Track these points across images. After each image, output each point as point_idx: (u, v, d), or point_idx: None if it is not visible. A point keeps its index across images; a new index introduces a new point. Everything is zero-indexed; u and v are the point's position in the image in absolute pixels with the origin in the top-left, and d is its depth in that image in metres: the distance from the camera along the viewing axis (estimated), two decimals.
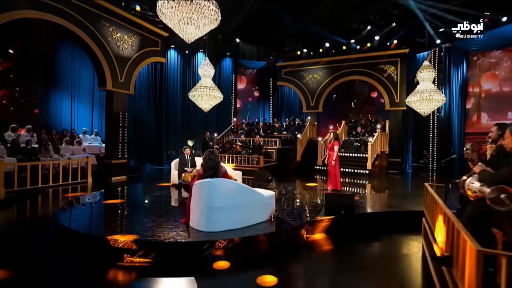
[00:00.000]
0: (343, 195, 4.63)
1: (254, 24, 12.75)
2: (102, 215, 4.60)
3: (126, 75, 9.25)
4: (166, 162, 12.85)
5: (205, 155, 3.68)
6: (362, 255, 3.63)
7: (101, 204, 5.18)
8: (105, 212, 4.68)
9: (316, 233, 4.09)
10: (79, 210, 4.84)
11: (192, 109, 13.28)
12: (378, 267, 3.27)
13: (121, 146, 9.07)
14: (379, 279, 2.98)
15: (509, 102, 9.75)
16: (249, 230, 3.57)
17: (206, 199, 3.46)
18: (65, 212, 4.51)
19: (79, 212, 4.75)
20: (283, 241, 3.66)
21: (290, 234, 3.74)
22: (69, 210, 4.72)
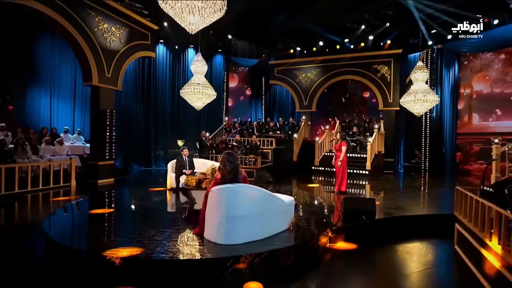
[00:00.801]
0: (363, 199, 4.37)
1: (247, 20, 12.35)
2: (96, 225, 4.04)
3: (114, 69, 8.57)
4: (155, 163, 12.21)
5: (222, 157, 3.26)
6: (395, 265, 3.36)
7: (92, 213, 4.60)
8: (97, 222, 4.13)
9: (339, 241, 3.79)
10: (66, 220, 4.27)
11: (182, 107, 12.70)
12: (420, 280, 3.00)
13: (109, 146, 8.38)
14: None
15: (500, 103, 9.99)
16: (272, 241, 3.20)
17: (225, 207, 3.05)
18: (49, 222, 3.93)
19: (66, 222, 4.18)
20: (308, 253, 3.32)
21: (316, 244, 3.40)
22: (54, 219, 4.15)
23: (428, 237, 4.02)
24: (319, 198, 6.04)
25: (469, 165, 10.85)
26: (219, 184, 3.15)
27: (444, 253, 3.58)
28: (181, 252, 2.86)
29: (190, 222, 3.90)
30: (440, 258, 3.52)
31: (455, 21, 9.97)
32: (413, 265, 3.38)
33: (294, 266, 3.05)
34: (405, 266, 3.41)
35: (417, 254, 3.63)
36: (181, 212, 4.69)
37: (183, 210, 4.84)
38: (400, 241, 3.92)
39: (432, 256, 3.58)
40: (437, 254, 3.61)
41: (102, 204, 5.18)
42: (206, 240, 3.18)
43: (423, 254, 3.63)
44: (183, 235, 3.39)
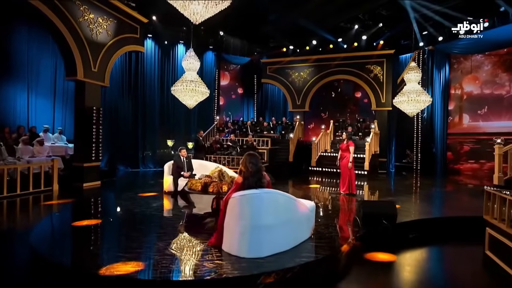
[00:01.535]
0: (383, 202, 4.15)
1: (239, 17, 11.97)
2: (91, 237, 3.56)
3: (101, 63, 7.94)
4: (142, 164, 11.58)
5: (244, 158, 2.90)
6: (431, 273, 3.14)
7: (82, 224, 4.08)
8: (92, 233, 3.64)
9: (365, 246, 3.53)
10: (52, 230, 3.76)
11: (171, 106, 12.15)
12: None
13: (95, 146, 7.74)
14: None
15: (489, 104, 10.22)
16: (299, 252, 2.89)
17: (250, 216, 2.70)
18: (35, 232, 3.42)
19: (48, 233, 3.67)
20: (340, 264, 3.03)
21: (347, 254, 3.11)
22: (38, 230, 3.63)
23: (450, 240, 3.86)
24: (327, 201, 5.79)
25: (459, 165, 11.06)
26: (241, 189, 2.80)
27: (475, 258, 3.41)
28: (201, 269, 2.48)
29: (200, 231, 3.51)
30: (473, 264, 3.34)
31: (448, 22, 10.12)
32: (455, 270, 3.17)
33: (329, 280, 2.75)
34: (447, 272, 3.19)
35: (450, 258, 3.44)
36: (190, 220, 4.27)
37: (192, 218, 4.42)
38: (423, 245, 3.73)
39: (468, 262, 3.39)
40: (470, 260, 3.44)
41: (94, 211, 4.66)
42: (225, 253, 2.82)
43: (457, 258, 3.45)
44: (196, 247, 3.00)
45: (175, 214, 4.70)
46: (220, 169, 4.52)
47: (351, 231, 3.66)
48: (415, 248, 3.66)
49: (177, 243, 3.11)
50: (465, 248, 3.68)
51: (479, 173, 10.47)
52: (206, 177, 4.50)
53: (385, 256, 3.32)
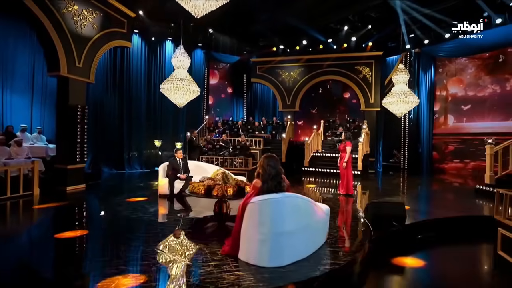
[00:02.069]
0: (392, 203, 4.10)
1: (229, 14, 11.73)
2: (81, 247, 3.23)
3: (86, 58, 7.45)
4: (128, 165, 11.04)
5: (261, 161, 2.72)
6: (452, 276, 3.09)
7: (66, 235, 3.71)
8: (82, 244, 3.32)
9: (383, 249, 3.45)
10: (31, 243, 3.39)
11: (158, 105, 11.71)
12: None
13: (80, 147, 7.25)
14: None
15: (473, 105, 10.62)
16: (320, 259, 2.75)
17: (270, 222, 2.52)
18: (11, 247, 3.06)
19: (30, 247, 3.30)
20: (365, 271, 2.91)
21: (368, 259, 3.01)
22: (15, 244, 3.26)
23: (458, 241, 3.87)
24: (330, 202, 5.69)
25: (444, 164, 11.42)
26: (260, 194, 2.61)
27: (487, 258, 3.42)
28: (221, 282, 2.27)
29: (206, 237, 3.29)
30: (488, 264, 3.34)
31: (434, 26, 10.41)
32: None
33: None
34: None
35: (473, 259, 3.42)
36: (192, 226, 4.01)
37: (194, 223, 4.16)
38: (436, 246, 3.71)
39: (482, 262, 3.39)
40: (484, 260, 3.44)
41: (82, 218, 4.29)
42: (242, 262, 2.62)
43: (473, 261, 3.44)
44: (209, 256, 2.77)
45: (175, 219, 4.41)
46: (223, 171, 4.29)
47: (364, 234, 3.56)
48: (428, 250, 3.63)
49: (186, 252, 2.87)
50: (476, 248, 3.69)
51: (463, 172, 10.86)
52: (208, 180, 4.26)
53: (412, 261, 3.23)
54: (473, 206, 5.59)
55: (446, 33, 10.56)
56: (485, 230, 3.94)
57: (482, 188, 6.36)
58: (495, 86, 10.08)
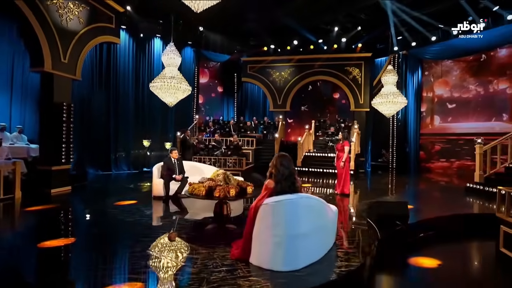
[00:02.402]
0: (394, 202, 4.10)
1: (220, 12, 11.54)
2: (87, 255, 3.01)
3: (72, 54, 7.08)
4: (115, 166, 10.63)
5: (274, 160, 2.62)
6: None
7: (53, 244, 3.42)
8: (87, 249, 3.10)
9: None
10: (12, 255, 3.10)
11: (147, 103, 11.36)
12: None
13: (65, 147, 6.87)
14: None
15: (458, 106, 10.98)
16: (332, 260, 2.68)
17: (285, 224, 2.42)
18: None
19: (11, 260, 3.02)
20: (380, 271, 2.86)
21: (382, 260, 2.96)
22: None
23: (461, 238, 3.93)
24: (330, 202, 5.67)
25: (431, 163, 11.75)
26: (274, 195, 2.51)
27: (491, 255, 3.47)
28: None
29: (210, 240, 3.15)
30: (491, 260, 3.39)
31: (422, 28, 10.68)
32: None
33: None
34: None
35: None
36: (193, 228, 3.84)
37: (194, 225, 4.00)
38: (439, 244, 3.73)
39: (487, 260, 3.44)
40: (488, 257, 3.49)
41: (71, 223, 4.02)
42: (254, 267, 2.51)
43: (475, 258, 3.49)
44: (218, 261, 2.64)
45: (174, 222, 4.21)
46: (224, 172, 4.15)
47: (370, 234, 3.53)
48: (435, 248, 3.65)
49: (193, 257, 2.72)
50: (478, 246, 3.76)
51: (449, 171, 11.21)
52: (209, 180, 4.11)
53: (429, 261, 3.23)
54: (467, 204, 5.72)
55: (432, 36, 10.87)
56: (483, 228, 4.03)
57: (472, 187, 6.55)
58: (479, 88, 10.46)
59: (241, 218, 4.34)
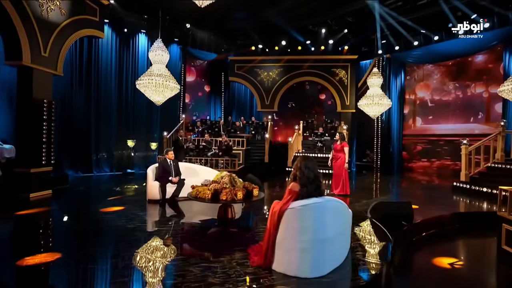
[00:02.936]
0: (399, 203, 4.15)
1: (207, 10, 11.29)
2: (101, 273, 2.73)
3: (52, 47, 6.56)
4: (96, 167, 10.07)
5: (298, 163, 2.51)
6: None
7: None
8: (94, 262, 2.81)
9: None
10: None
11: (131, 102, 10.89)
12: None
13: (46, 147, 6.36)
14: None
15: (438, 109, 11.49)
16: (354, 265, 2.63)
17: (313, 229, 2.33)
18: None
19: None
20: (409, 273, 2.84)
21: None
22: None
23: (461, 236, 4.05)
24: None
25: (413, 163, 12.21)
26: (299, 199, 2.41)
27: (494, 252, 3.60)
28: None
29: (220, 245, 2.99)
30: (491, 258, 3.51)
31: (406, 33, 11.06)
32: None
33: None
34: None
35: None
36: (207, 235, 3.63)
37: (199, 230, 3.80)
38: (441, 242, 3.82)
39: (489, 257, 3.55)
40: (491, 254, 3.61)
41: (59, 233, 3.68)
42: (279, 274, 2.39)
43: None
44: (239, 269, 2.50)
45: (178, 227, 3.96)
46: (230, 174, 3.99)
47: (380, 234, 3.54)
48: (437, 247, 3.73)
49: (211, 265, 2.56)
50: (479, 243, 3.89)
51: (429, 170, 11.71)
52: (213, 183, 3.94)
53: (451, 260, 3.25)
54: (460, 203, 5.94)
55: (415, 40, 11.30)
56: (480, 225, 4.19)
57: (459, 185, 6.84)
58: (458, 92, 11.01)
59: (244, 221, 4.22)
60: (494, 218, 3.66)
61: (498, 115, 9.76)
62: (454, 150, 10.88)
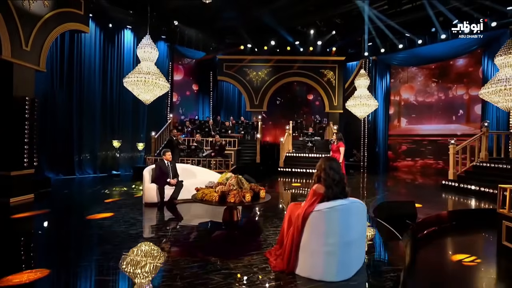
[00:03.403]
0: (402, 202, 4.21)
1: (196, 7, 11.07)
2: None
3: (35, 41, 6.13)
4: (79, 169, 9.58)
5: (321, 164, 2.45)
6: None
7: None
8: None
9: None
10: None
11: (116, 100, 10.48)
12: None
13: (28, 148, 5.92)
14: None
15: (422, 110, 11.94)
16: (374, 265, 2.61)
17: (339, 231, 2.28)
18: None
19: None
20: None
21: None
22: None
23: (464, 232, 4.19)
24: None
25: (398, 162, 12.61)
26: (325, 201, 2.35)
27: (491, 249, 3.73)
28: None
29: (244, 252, 2.88)
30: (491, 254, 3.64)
31: (391, 35, 11.40)
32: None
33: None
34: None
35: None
36: (217, 239, 3.48)
37: (206, 234, 3.65)
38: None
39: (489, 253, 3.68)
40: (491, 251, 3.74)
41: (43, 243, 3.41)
42: (304, 278, 2.32)
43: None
44: (262, 275, 2.41)
45: (181, 231, 3.77)
46: (236, 175, 3.87)
47: (390, 234, 3.56)
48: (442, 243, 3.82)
49: (231, 272, 2.44)
50: (479, 239, 4.03)
51: (413, 169, 12.14)
52: (219, 185, 3.81)
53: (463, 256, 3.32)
54: (452, 201, 6.12)
55: (400, 43, 11.67)
56: (478, 222, 4.35)
57: (448, 184, 7.10)
58: (440, 93, 11.49)
59: (251, 224, 4.12)
60: (490, 215, 3.79)
61: (478, 116, 10.28)
62: (437, 149, 11.36)
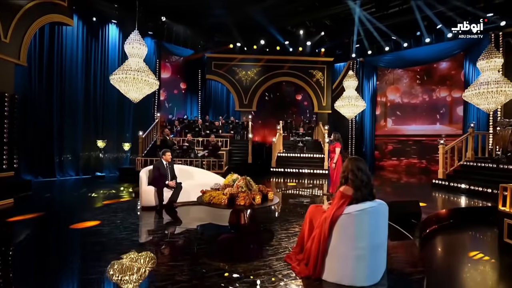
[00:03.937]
0: (407, 201, 4.24)
1: (184, 4, 10.77)
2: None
3: (14, 32, 5.67)
4: (60, 171, 9.04)
5: (348, 164, 2.37)
6: None
7: None
8: None
9: None
10: None
11: (100, 98, 9.98)
12: None
13: (8, 149, 5.46)
14: None
15: (407, 111, 12.32)
16: (397, 268, 2.57)
17: (369, 234, 2.21)
18: None
19: None
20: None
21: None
22: None
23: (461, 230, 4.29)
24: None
25: (384, 162, 12.94)
26: (353, 203, 2.27)
27: (494, 245, 3.83)
28: None
29: (263, 257, 2.75)
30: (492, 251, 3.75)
31: (379, 37, 11.66)
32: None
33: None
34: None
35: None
36: (215, 241, 3.32)
37: (212, 238, 3.48)
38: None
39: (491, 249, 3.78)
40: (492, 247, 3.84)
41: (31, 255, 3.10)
42: (331, 284, 2.23)
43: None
44: (288, 281, 2.29)
45: (188, 236, 3.56)
46: (244, 177, 3.73)
47: (401, 235, 3.57)
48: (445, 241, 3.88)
49: (254, 279, 2.31)
50: (479, 236, 4.14)
51: (398, 169, 12.51)
52: (226, 187, 3.65)
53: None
54: (446, 199, 6.28)
55: (386, 46, 11.97)
56: (478, 219, 4.48)
57: (438, 182, 7.33)
58: (425, 95, 11.91)
59: (260, 226, 3.99)
60: (490, 213, 3.91)
61: (460, 117, 10.74)
62: (421, 149, 11.77)
